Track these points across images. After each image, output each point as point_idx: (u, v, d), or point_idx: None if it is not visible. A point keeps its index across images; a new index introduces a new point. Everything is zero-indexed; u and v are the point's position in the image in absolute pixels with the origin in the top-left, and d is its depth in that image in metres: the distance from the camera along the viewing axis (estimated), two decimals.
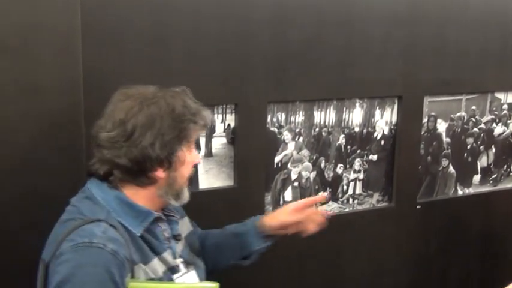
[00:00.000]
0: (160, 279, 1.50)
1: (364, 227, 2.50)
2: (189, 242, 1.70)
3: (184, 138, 1.51)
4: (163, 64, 1.95)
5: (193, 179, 2.08)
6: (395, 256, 2.61)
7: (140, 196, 1.52)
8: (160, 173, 1.50)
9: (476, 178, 2.81)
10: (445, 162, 2.69)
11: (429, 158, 2.64)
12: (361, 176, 2.48)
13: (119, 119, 1.47)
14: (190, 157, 1.56)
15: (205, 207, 2.08)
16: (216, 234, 1.82)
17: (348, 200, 2.47)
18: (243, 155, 2.16)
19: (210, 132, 2.11)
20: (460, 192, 2.77)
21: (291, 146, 2.28)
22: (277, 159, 2.27)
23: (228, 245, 1.78)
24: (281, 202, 2.31)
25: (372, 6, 2.31)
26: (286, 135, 2.26)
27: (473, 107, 2.71)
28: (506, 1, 2.62)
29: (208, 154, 2.13)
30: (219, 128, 2.13)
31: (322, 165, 2.38)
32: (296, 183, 2.33)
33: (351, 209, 2.48)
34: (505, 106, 2.80)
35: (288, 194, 2.32)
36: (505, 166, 2.88)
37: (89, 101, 1.82)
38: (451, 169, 2.71)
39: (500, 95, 2.78)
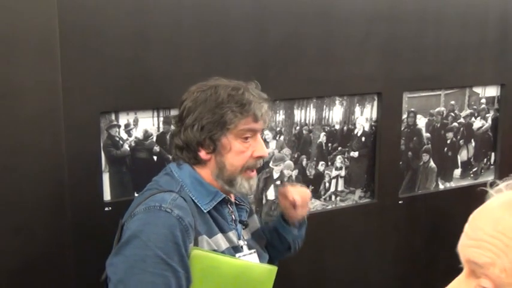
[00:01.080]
0: (222, 253, 1.61)
1: (347, 223, 2.52)
2: (256, 237, 1.81)
3: (225, 125, 1.59)
4: (142, 66, 1.95)
5: None
6: (380, 252, 2.63)
7: (206, 175, 1.65)
8: (204, 155, 1.62)
9: (457, 172, 2.84)
10: (425, 157, 2.72)
11: (410, 153, 2.66)
12: (342, 173, 2.50)
13: (181, 101, 1.66)
14: (241, 147, 1.62)
15: None
16: (267, 229, 1.94)
17: (330, 197, 2.49)
18: None
19: None
20: (441, 186, 2.80)
21: (272, 144, 2.30)
22: None
23: (273, 240, 1.91)
24: (264, 201, 2.32)
25: (351, 3, 2.32)
26: (267, 134, 2.27)
27: (452, 102, 2.74)
28: None
29: None
30: None
31: (304, 163, 2.39)
32: (278, 182, 2.34)
33: (333, 206, 2.50)
34: (483, 100, 2.84)
35: (270, 193, 2.33)
36: (485, 159, 2.92)
37: (68, 104, 1.82)
38: (432, 164, 2.75)
39: (478, 90, 2.81)
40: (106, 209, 1.96)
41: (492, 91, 2.85)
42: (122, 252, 1.50)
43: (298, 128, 2.34)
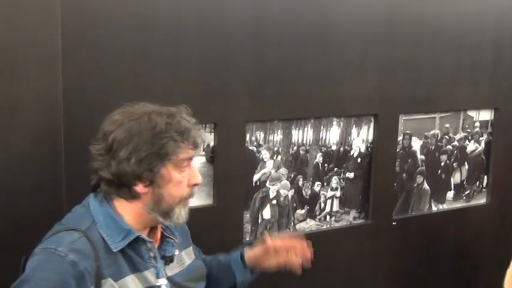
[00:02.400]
0: None
1: (341, 243, 2.53)
2: (190, 269, 1.69)
3: (166, 156, 1.49)
4: (143, 83, 1.96)
5: None
6: (373, 272, 2.64)
7: (128, 211, 1.53)
8: (140, 189, 1.51)
9: (450, 194, 2.86)
10: (419, 179, 2.73)
11: (404, 175, 2.68)
12: (338, 193, 2.51)
13: (103, 132, 1.52)
14: (180, 176, 1.53)
15: None
16: (216, 262, 1.85)
17: (325, 217, 2.50)
18: (222, 174, 2.17)
19: None
20: (434, 208, 2.82)
21: (270, 164, 2.30)
22: (255, 177, 2.28)
23: (221, 274, 1.82)
24: (260, 220, 2.32)
25: (348, 27, 2.35)
26: (265, 154, 2.28)
27: (447, 125, 2.77)
28: (478, 22, 2.69)
29: None
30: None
31: (300, 183, 2.40)
32: (274, 201, 2.34)
33: (328, 226, 2.51)
34: (477, 124, 2.87)
35: (266, 212, 2.33)
36: (478, 182, 2.94)
37: (69, 119, 1.82)
38: (426, 186, 2.76)
39: (472, 113, 2.84)
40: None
41: (486, 115, 2.88)
42: None
43: (295, 148, 2.35)
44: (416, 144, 2.69)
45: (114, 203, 1.54)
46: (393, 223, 2.66)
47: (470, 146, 2.87)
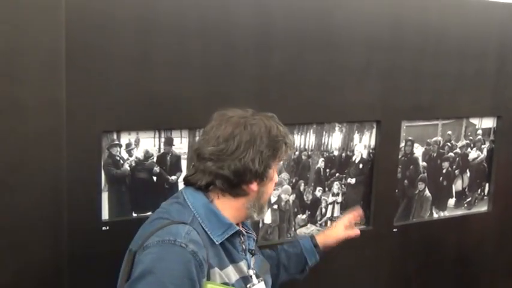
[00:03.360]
0: (232, 286, 1.63)
1: (342, 249, 2.51)
2: (259, 262, 1.83)
3: (277, 157, 1.69)
4: (146, 87, 1.96)
5: None
6: (374, 278, 2.64)
7: (229, 206, 1.67)
8: (254, 186, 1.66)
9: (451, 201, 2.86)
10: (421, 185, 2.73)
11: (406, 181, 2.68)
12: (339, 199, 2.51)
13: (224, 136, 1.64)
14: (276, 175, 1.75)
15: None
16: (284, 253, 2.03)
17: (326, 222, 2.50)
18: None
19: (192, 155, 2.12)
20: (435, 215, 2.82)
21: None
22: None
23: (291, 262, 2.01)
24: (260, 225, 2.32)
25: (351, 33, 2.35)
26: None
27: (449, 132, 2.77)
28: (481, 29, 2.70)
29: None
30: None
31: (302, 188, 2.40)
32: (275, 206, 2.35)
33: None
34: (480, 131, 2.87)
35: (267, 217, 2.33)
36: (479, 190, 2.94)
37: (71, 122, 1.83)
38: (427, 192, 2.76)
39: (475, 121, 2.84)
40: (104, 228, 1.96)
41: (488, 123, 2.88)
42: (136, 287, 1.48)
43: (297, 153, 2.36)
44: (418, 150, 2.69)
45: (213, 200, 1.67)
46: (394, 229, 2.66)
47: (472, 154, 2.87)
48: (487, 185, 2.95)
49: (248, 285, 1.68)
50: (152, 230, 1.57)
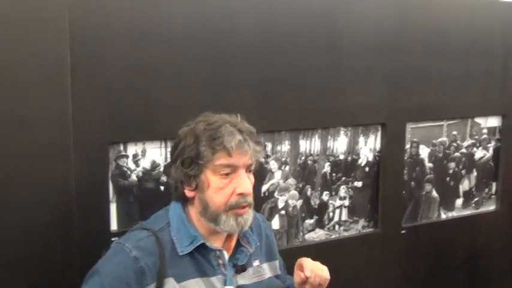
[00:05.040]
0: None
1: (350, 252, 2.53)
2: (270, 283, 1.72)
3: (201, 160, 1.56)
4: (151, 97, 1.97)
5: None
6: (383, 281, 2.63)
7: (193, 215, 1.63)
8: (188, 192, 1.61)
9: (459, 202, 2.86)
10: (428, 186, 2.73)
11: (412, 183, 2.68)
12: (346, 202, 2.51)
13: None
14: (220, 183, 1.56)
15: None
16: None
17: (334, 226, 2.50)
18: None
19: None
20: (443, 216, 2.81)
21: (278, 175, 2.31)
22: (264, 188, 2.29)
23: None
24: None
25: (356, 35, 2.36)
26: (273, 165, 2.29)
27: (455, 132, 2.77)
28: (486, 29, 2.70)
29: None
30: None
31: (309, 193, 2.41)
32: (283, 212, 2.35)
33: (337, 235, 2.51)
34: (485, 130, 2.87)
35: (275, 223, 2.34)
36: (486, 189, 2.94)
37: (77, 134, 1.84)
38: (434, 193, 2.76)
39: (480, 120, 2.84)
40: (113, 239, 1.96)
41: (494, 122, 2.88)
42: (86, 283, 1.56)
43: (303, 158, 2.36)
44: (424, 152, 2.69)
45: (189, 209, 1.64)
46: (402, 231, 2.66)
47: (478, 153, 2.87)
48: (494, 184, 2.95)
49: None
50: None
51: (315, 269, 1.69)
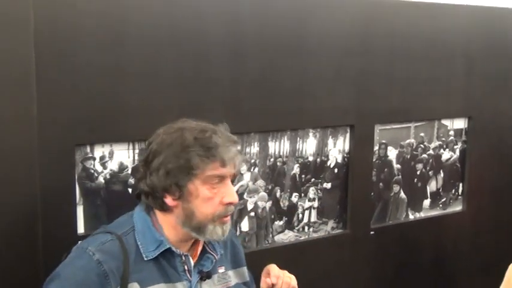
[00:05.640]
0: None
1: (320, 254, 2.54)
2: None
3: (191, 170, 1.52)
4: (118, 98, 1.95)
5: None
6: (352, 281, 2.65)
7: (165, 222, 1.59)
8: (170, 201, 1.55)
9: (426, 202, 2.90)
10: (396, 188, 2.76)
11: (381, 184, 2.71)
12: (315, 204, 2.52)
13: (146, 144, 1.61)
14: (209, 193, 1.54)
15: None
16: None
17: (303, 228, 2.51)
18: None
19: None
20: (411, 216, 2.85)
21: (247, 176, 2.31)
22: None
23: None
24: (238, 232, 2.32)
25: (324, 39, 2.38)
26: (242, 166, 2.29)
27: (422, 134, 2.80)
28: (450, 33, 2.74)
29: None
30: None
31: (278, 194, 2.41)
32: (252, 213, 2.35)
33: (306, 237, 2.52)
34: (452, 132, 2.91)
35: (244, 224, 2.33)
36: (453, 190, 2.98)
37: (43, 136, 1.81)
38: (402, 194, 2.79)
39: (446, 122, 2.89)
40: (79, 242, 1.94)
41: (460, 123, 2.93)
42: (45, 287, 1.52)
43: (272, 159, 2.36)
44: (392, 153, 2.72)
45: (156, 214, 1.60)
46: (371, 232, 2.68)
47: (445, 155, 2.91)
48: (460, 184, 2.99)
49: None
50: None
51: (282, 277, 1.69)
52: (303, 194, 2.48)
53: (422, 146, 2.81)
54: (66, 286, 1.47)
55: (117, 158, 2.00)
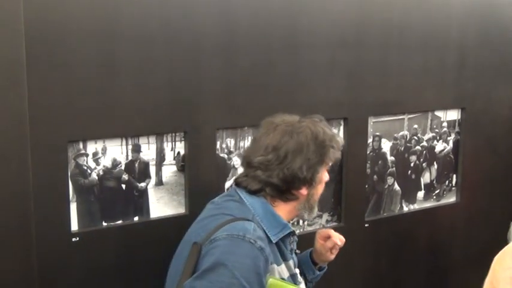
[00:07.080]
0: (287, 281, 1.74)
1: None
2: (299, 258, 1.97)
3: (325, 161, 1.81)
4: (111, 94, 1.94)
5: (144, 208, 2.08)
6: (347, 274, 2.66)
7: (281, 209, 1.80)
8: (304, 191, 1.79)
9: (420, 194, 2.90)
10: (390, 180, 2.76)
11: (375, 176, 2.71)
12: None
13: (272, 145, 1.77)
14: (326, 176, 1.85)
15: (157, 235, 2.08)
16: None
17: (298, 221, 2.50)
18: (193, 182, 2.16)
19: (160, 160, 2.11)
20: (405, 208, 2.85)
21: (241, 171, 2.30)
22: (227, 184, 2.28)
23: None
24: None
25: (317, 32, 2.36)
26: (236, 161, 2.28)
27: (415, 126, 2.80)
28: (443, 24, 2.73)
29: (159, 183, 2.12)
30: (169, 156, 2.13)
31: None
32: None
33: (301, 230, 2.52)
34: (445, 124, 2.91)
35: None
36: (447, 181, 2.98)
37: (35, 133, 1.80)
38: (396, 186, 2.79)
39: (440, 113, 2.88)
40: (73, 239, 1.93)
41: (453, 115, 2.93)
42: (207, 277, 1.55)
43: None
44: (386, 145, 2.71)
45: (271, 202, 1.79)
46: (365, 225, 2.68)
47: (439, 146, 2.91)
48: (454, 176, 3.00)
49: (297, 283, 1.81)
50: (218, 224, 1.66)
51: (340, 237, 2.04)
52: None
53: (415, 137, 2.81)
54: (236, 274, 1.54)
55: (110, 154, 1.99)
